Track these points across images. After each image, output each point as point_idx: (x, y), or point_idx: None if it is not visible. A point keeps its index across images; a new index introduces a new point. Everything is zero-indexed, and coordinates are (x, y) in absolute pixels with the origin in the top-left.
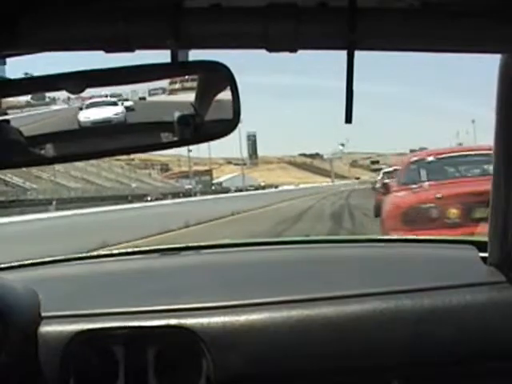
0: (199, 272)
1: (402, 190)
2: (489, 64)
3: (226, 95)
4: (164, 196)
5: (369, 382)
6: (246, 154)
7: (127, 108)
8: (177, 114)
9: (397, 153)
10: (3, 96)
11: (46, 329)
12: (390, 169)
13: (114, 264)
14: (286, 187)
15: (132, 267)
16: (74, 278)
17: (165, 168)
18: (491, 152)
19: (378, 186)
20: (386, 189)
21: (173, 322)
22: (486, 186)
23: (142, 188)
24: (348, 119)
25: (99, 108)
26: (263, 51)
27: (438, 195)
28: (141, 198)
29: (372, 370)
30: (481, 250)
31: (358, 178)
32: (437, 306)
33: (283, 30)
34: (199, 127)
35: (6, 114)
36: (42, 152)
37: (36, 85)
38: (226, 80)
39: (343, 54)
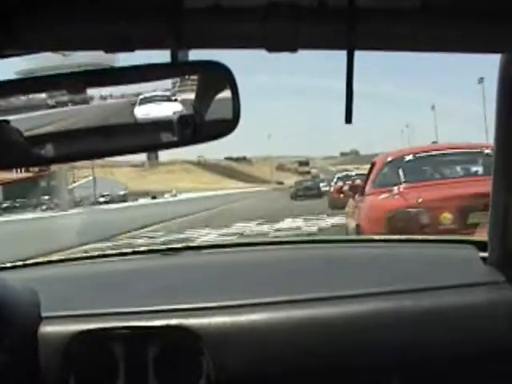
0: (199, 272)
1: (381, 193)
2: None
3: (225, 95)
4: None
5: (369, 382)
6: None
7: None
8: (177, 114)
9: (327, 156)
10: (3, 96)
11: (46, 329)
12: (345, 173)
13: (114, 264)
14: (161, 199)
15: (132, 267)
16: (74, 278)
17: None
18: (474, 150)
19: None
20: (355, 191)
21: (173, 321)
22: (477, 187)
23: None
24: (348, 119)
25: (156, 104)
26: (263, 51)
27: (431, 197)
28: None
29: (372, 369)
30: (481, 250)
31: (280, 183)
32: (437, 305)
33: (283, 30)
34: (199, 127)
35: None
36: (42, 152)
37: (36, 84)
38: (226, 80)
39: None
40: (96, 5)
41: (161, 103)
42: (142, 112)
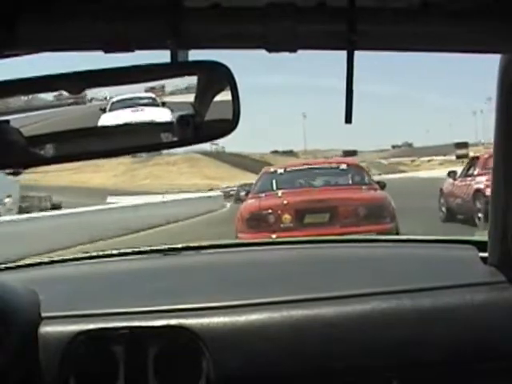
0: (199, 272)
1: (253, 198)
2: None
3: (225, 95)
4: None
5: (369, 382)
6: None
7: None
8: (176, 114)
9: (378, 149)
10: (2, 96)
11: (47, 329)
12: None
13: (114, 264)
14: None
15: (132, 267)
16: (74, 278)
17: None
18: (332, 165)
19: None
20: (246, 196)
21: (173, 322)
22: (321, 195)
23: None
24: (348, 119)
25: (134, 111)
26: (263, 51)
27: (277, 203)
28: None
29: (372, 369)
30: (481, 250)
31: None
32: (437, 305)
33: (283, 30)
34: (199, 127)
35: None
36: (42, 152)
37: (35, 85)
38: (226, 80)
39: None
40: (96, 6)
41: (140, 109)
42: (111, 121)
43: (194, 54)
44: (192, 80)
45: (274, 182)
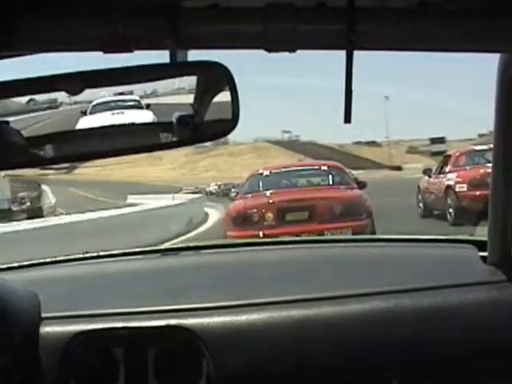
0: (199, 272)
1: (240, 199)
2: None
3: (225, 95)
4: None
5: (369, 382)
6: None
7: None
8: (176, 115)
9: (464, 138)
10: (1, 97)
11: (47, 329)
12: None
13: (114, 264)
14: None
15: (132, 267)
16: (74, 278)
17: None
18: (314, 167)
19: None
20: (235, 197)
21: (173, 322)
22: (301, 194)
23: None
24: (347, 119)
25: (115, 113)
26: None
27: (261, 202)
28: None
29: (372, 369)
30: (481, 250)
31: (397, 168)
32: (437, 305)
33: (282, 30)
34: (198, 127)
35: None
36: (42, 153)
37: (34, 86)
38: (225, 80)
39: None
40: (96, 6)
41: (120, 111)
42: (89, 124)
43: (193, 55)
44: (156, 85)
45: (260, 183)
